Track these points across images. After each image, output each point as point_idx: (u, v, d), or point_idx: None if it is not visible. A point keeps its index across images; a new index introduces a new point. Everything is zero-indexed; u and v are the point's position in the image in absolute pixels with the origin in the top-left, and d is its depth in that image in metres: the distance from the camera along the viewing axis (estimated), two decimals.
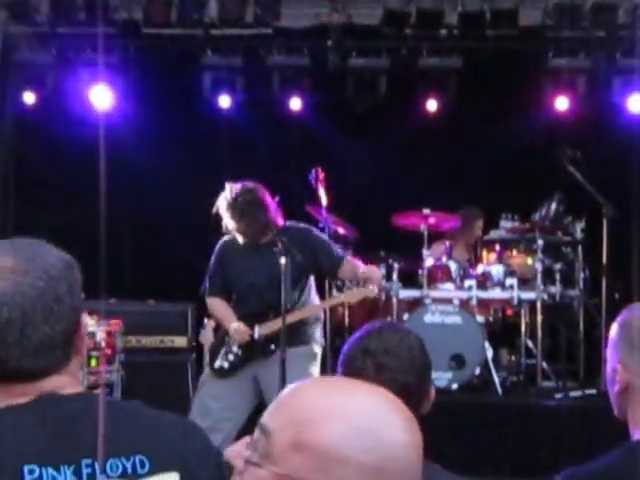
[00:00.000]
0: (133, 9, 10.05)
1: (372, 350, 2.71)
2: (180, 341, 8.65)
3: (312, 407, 1.41)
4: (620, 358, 2.55)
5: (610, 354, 2.59)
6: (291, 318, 6.14)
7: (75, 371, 1.97)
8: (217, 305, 6.55)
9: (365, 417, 1.39)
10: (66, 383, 1.93)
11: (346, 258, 6.51)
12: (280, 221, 6.43)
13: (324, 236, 6.67)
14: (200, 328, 8.23)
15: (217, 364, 6.42)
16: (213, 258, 6.63)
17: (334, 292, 8.30)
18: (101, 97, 9.89)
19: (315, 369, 6.46)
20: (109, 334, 7.64)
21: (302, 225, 6.64)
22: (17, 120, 10.26)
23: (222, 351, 6.42)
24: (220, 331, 6.65)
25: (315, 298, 6.63)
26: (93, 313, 7.23)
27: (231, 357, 6.39)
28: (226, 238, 6.60)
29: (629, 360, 2.53)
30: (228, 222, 6.37)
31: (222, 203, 6.38)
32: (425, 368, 2.75)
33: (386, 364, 2.68)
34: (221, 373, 6.40)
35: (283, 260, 6.00)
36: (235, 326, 6.34)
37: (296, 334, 6.23)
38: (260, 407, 6.32)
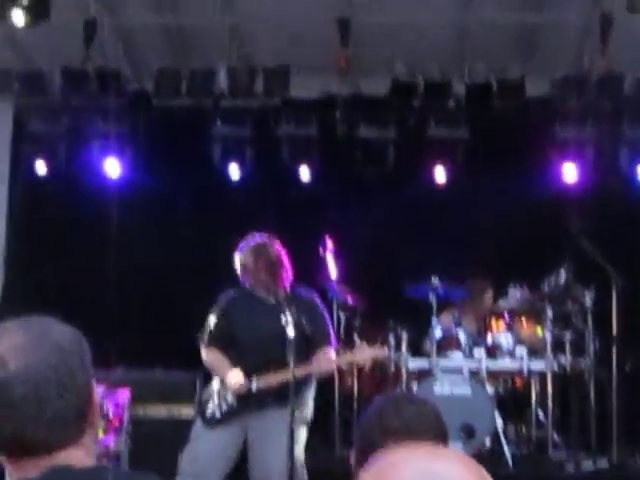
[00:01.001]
0: (144, 80, 10.19)
1: (393, 430, 2.67)
2: (188, 410, 8.59)
3: None
4: None
5: None
6: (297, 372, 6.14)
7: (89, 444, 1.96)
8: (213, 354, 6.57)
9: None
10: (80, 456, 1.92)
11: (331, 347, 6.55)
12: (290, 278, 6.59)
13: (326, 313, 6.72)
14: None
15: (209, 413, 6.42)
16: (216, 308, 6.67)
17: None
18: (112, 168, 9.98)
19: (303, 433, 6.46)
20: (117, 405, 7.60)
21: (309, 293, 6.72)
22: (28, 190, 10.35)
23: (215, 400, 6.42)
24: (211, 382, 6.60)
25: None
26: (100, 382, 7.21)
27: (224, 407, 6.39)
28: (232, 291, 6.64)
29: None
30: (247, 264, 6.53)
31: (242, 251, 6.59)
32: (442, 437, 2.73)
33: (405, 439, 2.64)
34: (213, 422, 6.40)
35: (291, 330, 6.10)
36: (234, 374, 6.34)
37: (295, 396, 6.18)
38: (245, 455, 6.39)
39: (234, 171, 10.22)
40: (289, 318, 6.16)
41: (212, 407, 6.41)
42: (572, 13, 9.82)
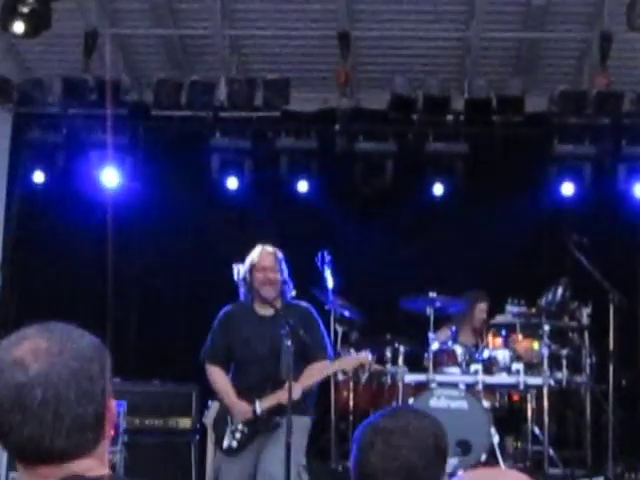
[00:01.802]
0: (143, 91, 10.20)
1: (382, 428, 2.68)
2: (184, 422, 8.58)
3: None
4: None
5: None
6: (295, 391, 6.25)
7: (102, 454, 1.95)
8: (218, 376, 6.64)
9: None
10: (93, 466, 1.91)
11: (326, 359, 6.66)
12: (290, 290, 6.69)
13: (322, 326, 6.78)
14: (204, 409, 8.16)
15: (226, 444, 6.48)
16: (216, 324, 6.74)
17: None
18: (110, 178, 9.98)
19: (304, 440, 6.56)
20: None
21: (305, 305, 6.77)
22: (26, 199, 10.34)
23: (228, 430, 6.49)
24: (221, 406, 6.63)
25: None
26: None
27: (238, 435, 6.47)
28: (231, 306, 6.68)
29: None
30: (246, 276, 6.63)
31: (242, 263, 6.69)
32: (437, 454, 2.69)
33: (393, 443, 2.65)
34: (231, 452, 6.48)
35: (287, 338, 6.22)
36: (237, 407, 6.46)
37: (296, 403, 6.28)
38: None
39: (232, 183, 10.21)
40: (287, 330, 6.23)
41: (228, 438, 6.50)
42: (572, 30, 9.87)
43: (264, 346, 6.48)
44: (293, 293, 6.75)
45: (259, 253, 6.74)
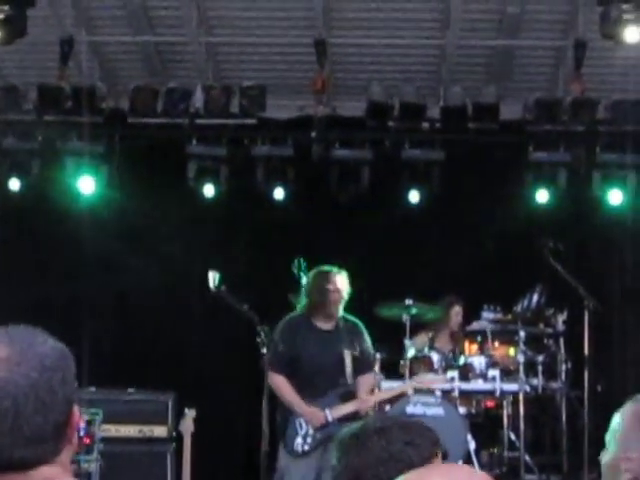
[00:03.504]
0: (119, 98, 10.18)
1: (383, 425, 2.72)
2: (160, 431, 8.53)
3: None
4: (628, 448, 2.54)
5: (617, 442, 2.58)
6: (372, 400, 7.25)
7: (66, 461, 1.94)
8: (284, 385, 7.02)
9: None
10: (56, 474, 1.90)
11: (372, 372, 7.50)
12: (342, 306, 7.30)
13: (370, 340, 7.43)
14: (180, 418, 8.14)
15: (299, 448, 6.96)
16: (280, 335, 7.04)
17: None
18: (86, 185, 9.95)
19: None
20: (88, 423, 7.55)
21: (356, 320, 7.40)
22: (1, 206, 10.28)
23: (300, 434, 6.95)
24: (283, 412, 7.02)
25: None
26: None
27: (310, 440, 6.96)
28: (290, 318, 6.94)
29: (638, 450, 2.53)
30: (308, 292, 7.20)
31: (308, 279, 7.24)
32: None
33: (396, 437, 2.68)
34: (301, 454, 6.96)
35: (348, 351, 7.00)
36: (312, 414, 6.95)
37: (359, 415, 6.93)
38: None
39: (209, 190, 10.20)
40: (347, 345, 7.01)
41: (300, 442, 6.98)
42: (546, 38, 9.93)
43: (329, 357, 7.05)
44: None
45: (334, 274, 7.31)
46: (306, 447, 6.96)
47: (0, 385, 1.84)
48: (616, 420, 2.64)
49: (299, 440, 6.96)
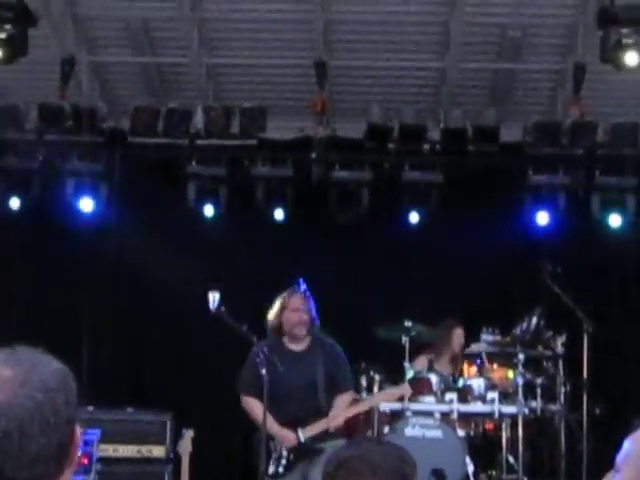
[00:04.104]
0: (120, 118, 10.20)
1: (343, 457, 2.71)
2: (158, 451, 8.51)
3: None
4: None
5: (628, 465, 2.57)
6: (341, 417, 7.09)
7: None
8: (256, 407, 6.99)
9: None
10: None
11: (351, 391, 7.45)
12: (316, 326, 7.28)
13: (346, 360, 7.42)
14: (178, 438, 8.12)
15: (272, 470, 6.89)
16: (251, 360, 7.00)
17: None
18: (86, 205, 9.96)
19: None
20: (86, 443, 7.53)
21: (331, 341, 7.38)
22: (1, 225, 10.28)
23: (273, 457, 6.91)
24: (259, 435, 6.90)
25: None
26: None
27: (284, 462, 6.92)
28: (263, 342, 7.02)
29: None
30: (276, 314, 7.20)
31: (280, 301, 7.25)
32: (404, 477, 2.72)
33: (355, 469, 2.66)
34: (277, 477, 6.91)
35: (322, 371, 7.00)
36: (283, 435, 6.93)
37: (338, 429, 7.01)
38: None
39: (208, 210, 10.21)
40: (321, 366, 6.99)
41: (273, 464, 6.94)
42: (546, 61, 9.97)
43: (301, 380, 7.01)
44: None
45: (290, 295, 7.24)
46: (280, 469, 6.94)
47: (5, 407, 1.83)
48: (629, 443, 2.60)
49: (272, 463, 6.94)
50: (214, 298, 6.74)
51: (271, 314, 7.27)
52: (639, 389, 9.73)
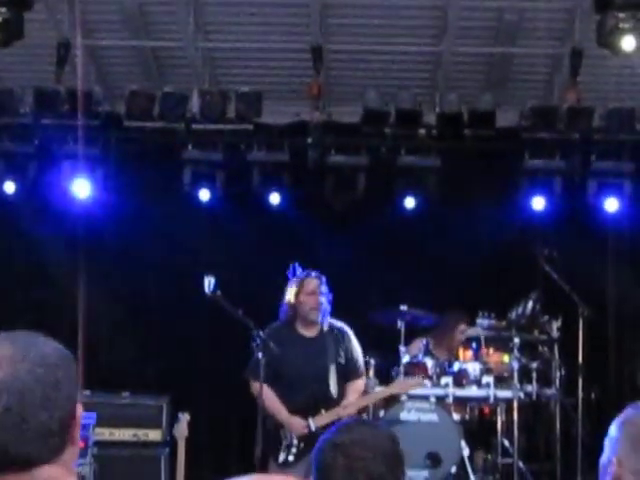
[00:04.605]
0: (116, 102, 10.18)
1: (340, 443, 2.73)
2: (154, 435, 8.54)
3: None
4: (619, 454, 2.63)
5: (610, 446, 2.68)
6: (353, 406, 6.99)
7: (69, 461, 1.94)
8: (266, 394, 6.88)
9: None
10: (59, 474, 1.90)
11: (363, 377, 7.36)
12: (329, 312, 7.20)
13: (358, 346, 7.33)
14: (174, 422, 8.14)
15: (282, 458, 6.87)
16: (261, 343, 6.89)
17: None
18: (82, 189, 9.95)
19: None
20: (82, 427, 7.54)
21: (342, 326, 7.27)
22: None
23: (283, 444, 6.87)
24: (269, 422, 6.92)
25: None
26: None
27: (294, 450, 6.88)
28: (273, 326, 6.87)
29: (626, 458, 2.62)
30: (289, 298, 7.09)
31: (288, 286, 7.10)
32: (396, 460, 2.75)
33: (355, 454, 2.69)
34: (287, 465, 6.85)
35: (332, 359, 6.90)
36: (293, 422, 6.87)
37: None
38: None
39: (204, 195, 10.20)
40: (332, 353, 6.90)
41: (284, 452, 6.90)
42: (543, 46, 9.95)
43: (312, 367, 6.94)
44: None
45: (304, 278, 7.17)
46: (290, 457, 6.90)
47: (6, 382, 1.84)
48: (614, 424, 2.72)
49: (283, 450, 6.91)
50: (210, 282, 6.75)
51: (287, 296, 7.18)
52: (634, 373, 9.76)
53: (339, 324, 7.29)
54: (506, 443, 8.93)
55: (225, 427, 10.07)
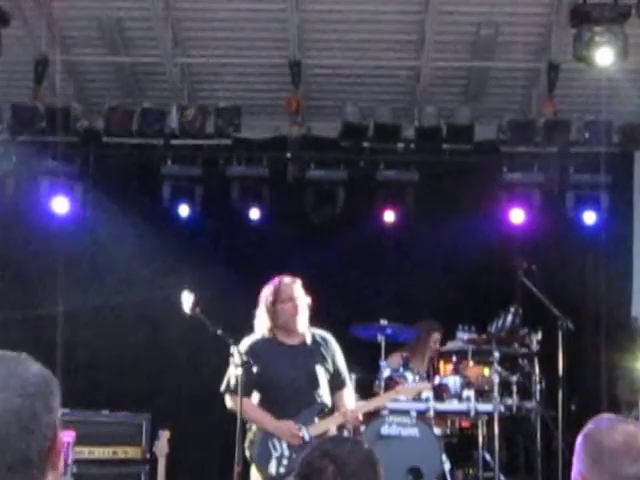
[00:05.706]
0: (94, 119, 10.16)
1: (331, 450, 2.80)
2: (134, 452, 8.50)
3: None
4: (581, 470, 2.63)
5: (575, 462, 2.69)
6: (358, 411, 6.75)
7: None
8: (248, 405, 6.46)
9: None
10: None
11: (349, 386, 6.94)
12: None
13: (341, 352, 6.94)
14: (155, 439, 8.10)
15: (273, 471, 6.42)
16: (239, 356, 6.52)
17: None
18: (60, 205, 9.91)
19: None
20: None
21: (327, 333, 6.89)
22: None
23: (273, 456, 6.45)
24: (254, 434, 6.58)
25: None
26: None
27: (285, 462, 6.44)
28: (251, 339, 6.62)
29: (588, 473, 2.62)
30: (267, 307, 6.65)
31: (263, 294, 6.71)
32: (377, 475, 2.82)
33: (346, 462, 2.77)
34: (279, 478, 6.41)
35: (320, 366, 6.54)
36: (285, 428, 6.43)
37: (341, 430, 6.63)
38: None
39: (184, 210, 10.19)
40: (319, 360, 6.55)
41: (274, 464, 6.45)
42: (520, 60, 10.00)
43: (302, 374, 6.54)
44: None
45: (283, 283, 6.71)
46: (282, 469, 6.43)
47: None
48: (579, 439, 2.75)
49: (273, 462, 6.47)
50: (189, 299, 6.67)
51: (263, 306, 6.71)
52: (613, 385, 9.78)
53: (322, 332, 6.92)
54: (487, 456, 8.93)
55: (206, 444, 10.02)
